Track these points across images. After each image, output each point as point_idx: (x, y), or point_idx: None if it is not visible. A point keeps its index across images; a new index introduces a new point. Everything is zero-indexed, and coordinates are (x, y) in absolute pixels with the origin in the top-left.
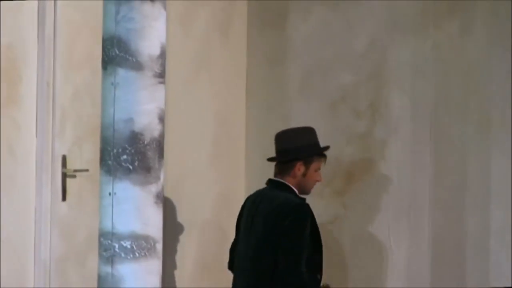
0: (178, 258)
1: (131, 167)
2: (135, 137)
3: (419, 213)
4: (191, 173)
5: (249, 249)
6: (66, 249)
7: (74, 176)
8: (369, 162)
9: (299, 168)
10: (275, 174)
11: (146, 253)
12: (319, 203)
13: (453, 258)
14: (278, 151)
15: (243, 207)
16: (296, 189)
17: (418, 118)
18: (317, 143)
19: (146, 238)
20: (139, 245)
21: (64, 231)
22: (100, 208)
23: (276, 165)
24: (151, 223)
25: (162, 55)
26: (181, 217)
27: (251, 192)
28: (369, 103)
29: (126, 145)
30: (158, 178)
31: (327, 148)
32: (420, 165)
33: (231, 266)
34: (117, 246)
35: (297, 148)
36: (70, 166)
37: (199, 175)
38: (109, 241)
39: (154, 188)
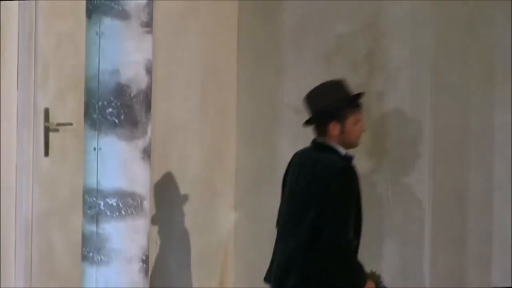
0: (167, 215)
1: (116, 120)
2: (121, 89)
3: (418, 167)
4: (179, 127)
5: (291, 213)
6: (49, 206)
7: (57, 130)
8: (366, 115)
9: (334, 128)
10: (316, 137)
11: (133, 211)
12: None
13: (454, 213)
14: (309, 113)
15: (289, 163)
16: (341, 146)
17: (418, 69)
18: (347, 96)
19: (132, 195)
20: (126, 203)
21: (46, 187)
22: (84, 164)
23: (313, 128)
24: (138, 179)
25: (149, 3)
26: (170, 173)
27: (242, 146)
28: (366, 53)
29: (112, 98)
30: (145, 132)
31: (358, 96)
32: (420, 118)
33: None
34: (102, 203)
35: (325, 108)
36: (53, 119)
37: (188, 129)
38: (94, 199)
39: (141, 143)
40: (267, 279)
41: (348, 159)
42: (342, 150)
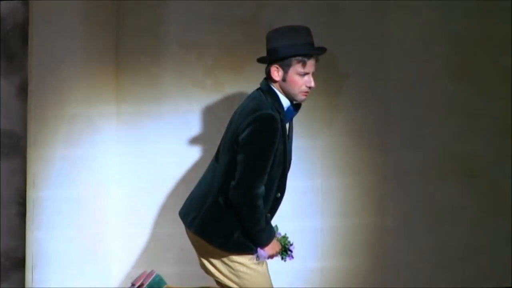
0: (45, 155)
1: None
2: None
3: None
4: (60, 62)
5: (219, 147)
6: None
7: None
8: (255, 50)
9: (276, 72)
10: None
11: (9, 150)
12: (200, 94)
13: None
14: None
15: None
16: (283, 94)
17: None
18: (301, 44)
19: (9, 134)
20: (1, 143)
21: None
22: None
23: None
24: (15, 117)
25: None
26: (48, 111)
27: (123, 81)
28: None
29: None
30: (22, 68)
31: (312, 48)
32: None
33: None
34: None
35: (272, 50)
36: None
37: (68, 64)
38: None
39: (17, 79)
40: (180, 213)
41: (288, 112)
42: (286, 100)
